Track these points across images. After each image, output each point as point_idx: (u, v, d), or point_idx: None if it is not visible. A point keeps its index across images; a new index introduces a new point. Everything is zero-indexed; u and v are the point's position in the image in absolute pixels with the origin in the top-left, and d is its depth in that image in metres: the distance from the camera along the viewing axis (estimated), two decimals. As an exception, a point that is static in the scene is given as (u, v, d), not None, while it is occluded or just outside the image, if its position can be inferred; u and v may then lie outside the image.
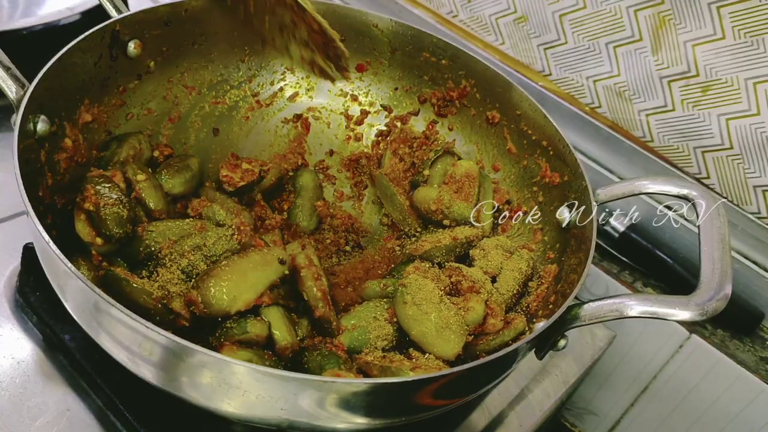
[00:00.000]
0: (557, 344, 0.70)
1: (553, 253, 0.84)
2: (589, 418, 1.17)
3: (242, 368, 0.55)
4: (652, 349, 1.05)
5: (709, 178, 1.05)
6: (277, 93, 1.01)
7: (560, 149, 0.86)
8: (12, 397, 0.73)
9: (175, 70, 0.92)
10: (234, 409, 0.61)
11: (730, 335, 1.03)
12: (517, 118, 0.92)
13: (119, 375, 0.66)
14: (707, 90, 1.00)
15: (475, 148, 0.98)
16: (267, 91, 1.00)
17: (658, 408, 1.08)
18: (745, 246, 1.03)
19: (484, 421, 0.85)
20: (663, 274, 1.07)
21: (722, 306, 0.65)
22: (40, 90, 0.70)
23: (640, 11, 1.01)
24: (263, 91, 1.00)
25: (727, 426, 1.02)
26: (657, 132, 1.07)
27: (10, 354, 0.77)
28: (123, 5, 0.85)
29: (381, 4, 1.28)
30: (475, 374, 0.64)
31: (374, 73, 1.02)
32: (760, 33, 0.93)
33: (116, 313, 0.56)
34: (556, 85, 1.16)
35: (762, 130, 0.97)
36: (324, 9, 0.97)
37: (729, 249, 0.71)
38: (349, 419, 0.61)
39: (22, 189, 0.62)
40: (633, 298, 0.66)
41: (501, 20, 1.18)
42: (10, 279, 0.83)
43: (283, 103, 1.01)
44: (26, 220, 0.62)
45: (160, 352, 0.58)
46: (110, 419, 0.73)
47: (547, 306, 0.77)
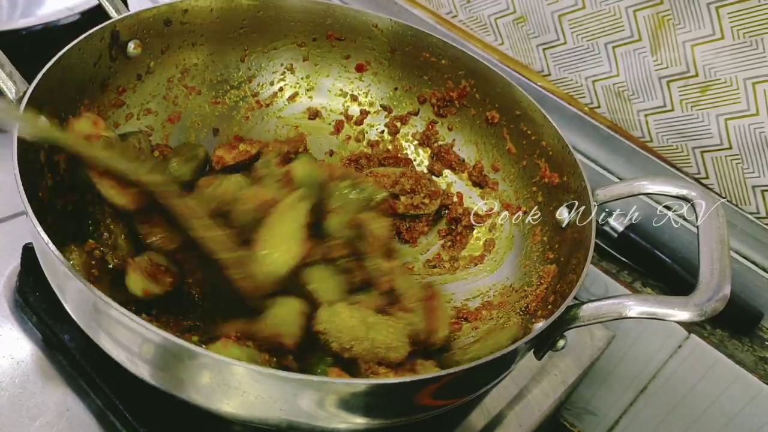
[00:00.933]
0: (556, 344, 0.70)
1: (552, 254, 0.84)
2: (588, 418, 1.17)
3: (241, 369, 0.56)
4: (651, 349, 1.05)
5: (708, 178, 1.05)
6: (276, 93, 1.01)
7: (559, 149, 0.86)
8: (11, 397, 0.73)
9: (174, 70, 0.92)
10: (233, 409, 0.61)
11: (729, 335, 1.03)
12: (516, 118, 0.92)
13: (119, 375, 0.66)
14: (706, 90, 1.00)
15: (474, 148, 0.98)
16: (267, 91, 1.00)
17: (657, 408, 1.09)
18: (744, 246, 1.03)
19: (483, 421, 0.85)
20: (662, 275, 1.07)
21: (721, 306, 0.65)
22: (40, 91, 0.70)
23: (639, 11, 1.01)
24: (263, 91, 1.00)
25: (725, 426, 1.02)
26: (656, 132, 1.07)
27: (10, 354, 0.77)
28: (122, 5, 0.85)
29: (381, 4, 1.28)
30: (474, 375, 0.64)
31: (374, 74, 1.02)
32: (759, 33, 0.93)
33: (115, 313, 0.56)
34: (555, 86, 1.16)
35: (761, 131, 0.97)
36: (324, 9, 0.97)
37: (728, 249, 0.72)
38: (348, 419, 0.61)
39: (21, 189, 0.62)
40: (632, 299, 0.66)
41: (500, 20, 1.18)
42: (9, 279, 0.83)
43: (283, 103, 1.01)
44: (26, 220, 0.62)
45: (159, 353, 0.58)
46: (110, 419, 0.73)
47: (546, 306, 0.77)
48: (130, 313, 0.56)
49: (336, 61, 1.01)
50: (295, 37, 0.99)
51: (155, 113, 0.90)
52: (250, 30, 0.96)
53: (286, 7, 0.96)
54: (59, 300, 0.66)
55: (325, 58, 1.01)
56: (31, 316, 0.79)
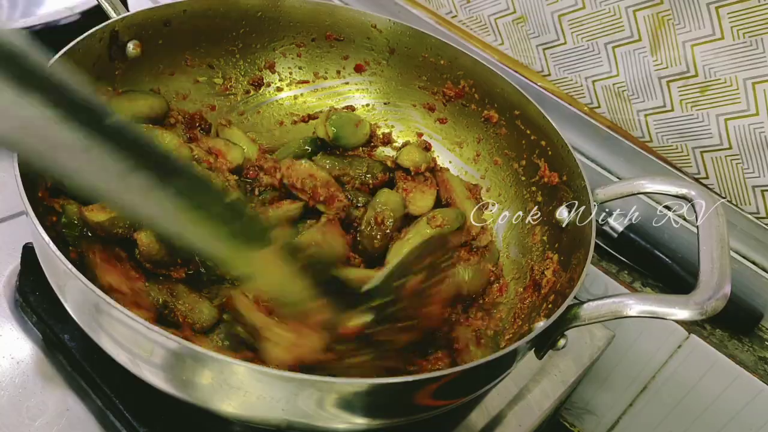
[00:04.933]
0: (556, 344, 0.70)
1: (553, 253, 0.84)
2: (588, 418, 1.17)
3: (243, 369, 0.55)
4: (651, 349, 1.05)
5: (708, 178, 1.05)
6: (276, 93, 1.01)
7: (559, 149, 0.86)
8: (11, 397, 0.73)
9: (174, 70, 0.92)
10: (234, 409, 0.61)
11: (729, 335, 1.03)
12: (515, 118, 0.92)
13: (119, 375, 0.66)
14: (706, 90, 1.00)
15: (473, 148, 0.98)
16: (266, 92, 1.00)
17: (656, 408, 1.09)
18: (744, 246, 1.03)
19: (483, 420, 0.85)
20: (662, 274, 1.07)
21: (721, 305, 0.65)
22: (40, 90, 0.70)
23: (639, 11, 1.01)
24: (262, 91, 1.00)
25: (725, 426, 1.02)
26: (656, 132, 1.07)
27: (10, 354, 0.77)
28: (122, 6, 0.85)
29: (380, 4, 1.28)
30: (474, 374, 0.64)
31: (373, 73, 1.02)
32: (758, 33, 0.93)
33: (116, 313, 0.56)
34: (555, 86, 1.16)
35: (761, 131, 0.97)
36: (324, 9, 0.97)
37: (728, 249, 0.71)
38: (349, 419, 0.61)
39: (21, 189, 0.62)
40: (632, 298, 0.66)
41: (500, 20, 1.18)
42: (9, 279, 0.83)
43: (283, 103, 1.01)
44: (26, 220, 0.62)
45: (160, 353, 0.58)
46: (110, 419, 0.73)
47: (547, 306, 0.78)
48: (132, 313, 0.56)
49: (335, 62, 1.01)
50: (294, 37, 0.99)
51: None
52: (250, 31, 0.96)
53: (285, 7, 0.96)
54: (59, 300, 0.66)
55: (324, 58, 1.01)
56: (31, 316, 0.79)
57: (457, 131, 1.00)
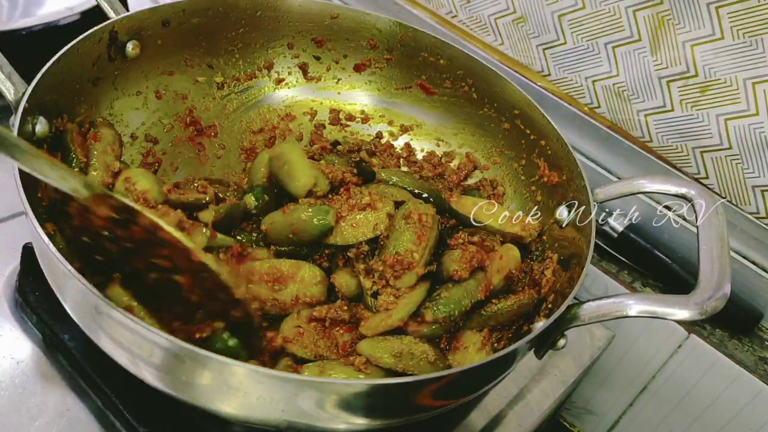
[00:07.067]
0: (556, 344, 0.70)
1: (552, 253, 0.84)
2: (588, 418, 1.17)
3: (242, 369, 0.55)
4: (651, 349, 1.05)
5: (708, 178, 1.05)
6: (275, 93, 1.01)
7: (559, 149, 0.86)
8: (11, 397, 0.73)
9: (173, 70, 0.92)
10: (234, 410, 0.61)
11: (729, 335, 1.03)
12: (515, 117, 0.92)
13: (119, 375, 0.66)
14: (706, 90, 1.00)
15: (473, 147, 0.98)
16: (265, 91, 1.00)
17: (656, 408, 1.09)
18: (744, 246, 1.03)
19: (483, 421, 0.85)
20: (662, 274, 1.07)
21: (721, 305, 0.65)
22: (39, 91, 0.70)
23: (639, 11, 1.01)
24: (261, 91, 1.00)
25: (725, 425, 1.02)
26: (656, 132, 1.07)
27: (10, 354, 0.77)
28: (121, 6, 0.85)
29: (380, 4, 1.28)
30: (474, 374, 0.64)
31: (372, 73, 1.02)
32: (758, 33, 0.93)
33: (116, 315, 0.56)
34: (555, 86, 1.16)
35: (761, 131, 0.97)
36: (323, 9, 0.97)
37: (728, 248, 0.71)
38: (348, 420, 0.61)
39: (21, 190, 0.62)
40: (632, 298, 0.66)
41: (500, 20, 1.18)
42: (9, 279, 0.83)
43: (282, 103, 1.01)
44: (26, 220, 0.62)
45: (160, 354, 0.58)
46: (110, 419, 0.73)
47: (546, 305, 0.77)
48: (131, 315, 0.56)
49: (335, 61, 1.01)
50: (293, 37, 0.99)
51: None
52: (249, 30, 0.96)
53: (284, 7, 0.96)
54: (59, 300, 0.66)
55: (324, 58, 1.01)
56: (31, 316, 0.79)
57: (456, 131, 1.00)
